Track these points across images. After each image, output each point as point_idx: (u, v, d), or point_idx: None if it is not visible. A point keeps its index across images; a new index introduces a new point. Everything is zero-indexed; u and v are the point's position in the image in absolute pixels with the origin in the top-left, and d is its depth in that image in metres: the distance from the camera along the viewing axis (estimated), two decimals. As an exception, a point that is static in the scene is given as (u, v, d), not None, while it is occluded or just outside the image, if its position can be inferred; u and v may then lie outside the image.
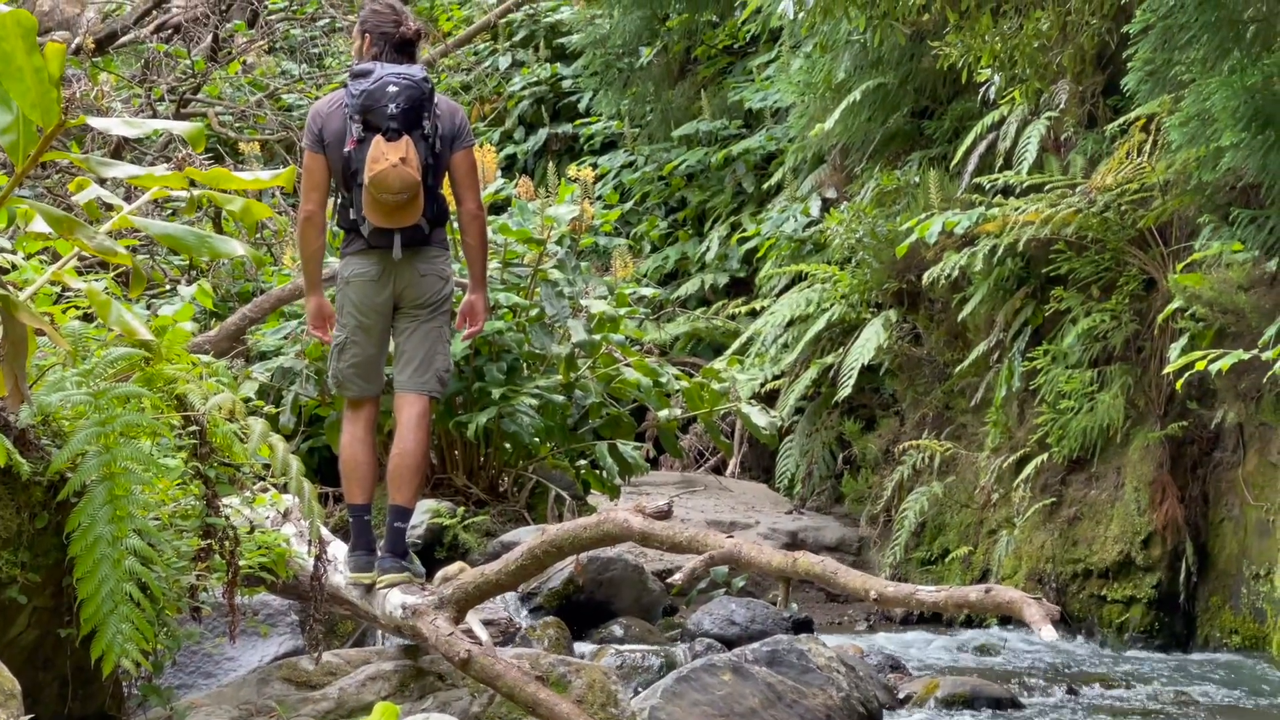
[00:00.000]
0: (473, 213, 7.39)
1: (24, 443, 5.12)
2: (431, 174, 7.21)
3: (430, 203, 7.24)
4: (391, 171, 7.03)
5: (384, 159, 7.03)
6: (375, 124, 7.11)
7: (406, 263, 7.28)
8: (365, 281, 7.32)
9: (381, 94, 7.16)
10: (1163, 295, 10.10)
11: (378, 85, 7.17)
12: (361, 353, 7.41)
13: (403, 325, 7.38)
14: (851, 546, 12.57)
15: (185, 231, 4.94)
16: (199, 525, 5.78)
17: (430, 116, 7.20)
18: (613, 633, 9.40)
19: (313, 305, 7.53)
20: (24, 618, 5.16)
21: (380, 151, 7.04)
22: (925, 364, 12.52)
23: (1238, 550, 9.78)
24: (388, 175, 7.03)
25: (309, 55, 19.08)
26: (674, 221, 17.44)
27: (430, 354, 7.34)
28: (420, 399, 7.34)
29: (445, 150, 7.30)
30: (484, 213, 7.49)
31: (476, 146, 7.63)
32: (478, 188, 7.41)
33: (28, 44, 4.22)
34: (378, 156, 7.04)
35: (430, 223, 7.28)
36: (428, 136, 7.18)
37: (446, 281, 7.39)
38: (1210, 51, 8.90)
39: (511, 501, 11.07)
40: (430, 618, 6.67)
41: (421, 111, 7.18)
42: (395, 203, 7.11)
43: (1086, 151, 10.98)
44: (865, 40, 12.07)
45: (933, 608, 5.61)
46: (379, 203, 7.11)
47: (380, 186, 7.04)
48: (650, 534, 6.52)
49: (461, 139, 7.35)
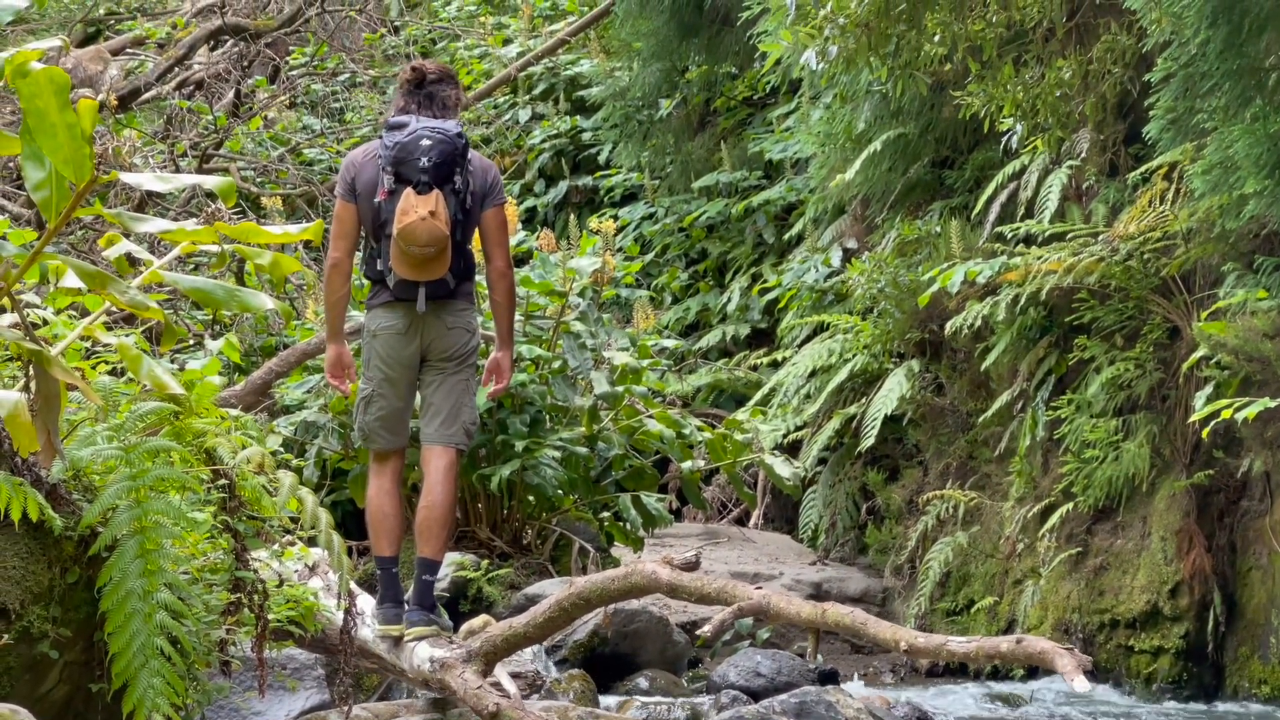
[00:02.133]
0: (501, 270, 7.42)
1: (56, 497, 5.13)
2: (460, 229, 7.23)
3: (457, 258, 7.26)
4: (420, 225, 7.06)
5: (413, 211, 7.06)
6: (407, 176, 7.15)
7: (433, 315, 7.30)
8: (392, 335, 7.34)
9: (415, 147, 7.20)
10: (1187, 343, 10.08)
11: (411, 138, 7.21)
12: (388, 405, 7.42)
13: (429, 378, 7.39)
14: (876, 598, 12.53)
15: (215, 286, 4.95)
16: (228, 579, 5.77)
17: (462, 172, 7.23)
18: (638, 685, 9.37)
19: (332, 354, 7.56)
20: (55, 673, 5.15)
21: (410, 204, 7.07)
22: (948, 414, 12.50)
23: (1266, 599, 9.73)
24: (416, 228, 7.06)
25: (330, 110, 19.16)
26: (695, 273, 17.46)
27: (457, 406, 7.35)
28: (447, 451, 7.35)
29: (476, 206, 7.33)
30: (512, 271, 7.50)
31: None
32: (507, 245, 7.44)
33: (60, 101, 4.24)
34: (407, 209, 7.07)
35: (456, 277, 7.29)
36: (458, 192, 7.21)
37: (473, 334, 7.41)
38: (1232, 99, 8.90)
39: (535, 554, 11.05)
40: (458, 671, 6.67)
41: (454, 166, 7.20)
42: (423, 255, 7.13)
43: (1109, 200, 10.98)
44: (886, 90, 12.10)
45: (964, 659, 5.59)
46: (406, 255, 7.14)
47: (409, 239, 7.07)
48: (678, 585, 6.52)
49: (493, 196, 7.38)
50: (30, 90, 4.21)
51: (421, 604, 7.21)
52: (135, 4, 21.99)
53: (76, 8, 20.78)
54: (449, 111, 7.53)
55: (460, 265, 7.30)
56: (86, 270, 4.51)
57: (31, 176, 4.35)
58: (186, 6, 19.44)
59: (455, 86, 7.65)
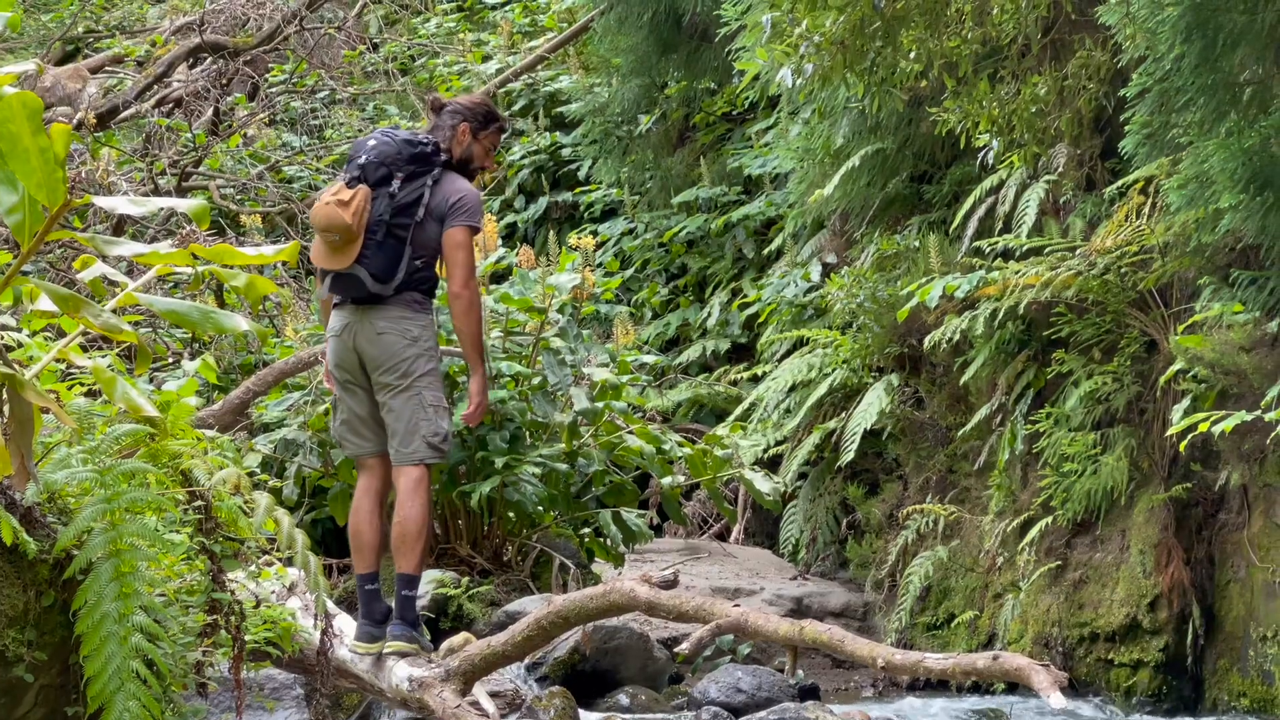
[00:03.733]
0: (454, 293, 7.47)
1: (30, 520, 5.13)
2: (385, 230, 7.34)
3: (382, 259, 7.37)
4: (322, 208, 7.33)
5: (326, 194, 7.34)
6: (350, 171, 7.40)
7: (364, 319, 7.41)
8: (333, 338, 7.55)
9: (361, 145, 7.56)
10: (1164, 357, 10.11)
11: (365, 139, 7.53)
12: (347, 411, 7.56)
13: (380, 398, 7.49)
14: (857, 612, 12.53)
15: (190, 308, 4.95)
16: (205, 601, 5.78)
17: (409, 180, 7.39)
18: (619, 702, 9.37)
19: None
20: (31, 696, 5.15)
21: (330, 190, 7.34)
22: (928, 428, 12.51)
23: (1245, 612, 9.76)
24: (318, 210, 7.37)
25: (309, 127, 19.18)
26: (675, 288, 17.46)
27: (412, 423, 7.39)
28: (412, 469, 7.39)
29: (430, 221, 7.44)
30: (469, 293, 7.47)
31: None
32: (463, 268, 7.44)
33: (33, 125, 4.24)
34: (324, 193, 7.33)
35: (380, 280, 7.37)
36: (393, 195, 7.34)
37: (414, 343, 7.40)
38: (1208, 114, 8.94)
39: (516, 571, 11.05)
40: (437, 690, 6.68)
41: (391, 170, 7.37)
42: (327, 241, 7.35)
43: (1085, 214, 11.02)
44: (864, 106, 12.13)
45: (941, 675, 5.61)
46: (318, 239, 7.35)
47: (312, 219, 7.40)
48: (656, 603, 6.53)
49: (452, 217, 7.45)
50: (3, 114, 4.21)
51: (403, 618, 7.24)
52: (114, 22, 21.98)
53: (55, 26, 20.77)
54: (440, 132, 7.65)
55: (388, 269, 7.38)
56: (61, 294, 4.51)
57: (4, 201, 4.35)
58: (165, 24, 19.47)
59: (466, 119, 7.72)
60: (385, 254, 7.37)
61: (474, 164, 7.70)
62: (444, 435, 7.47)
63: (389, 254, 7.37)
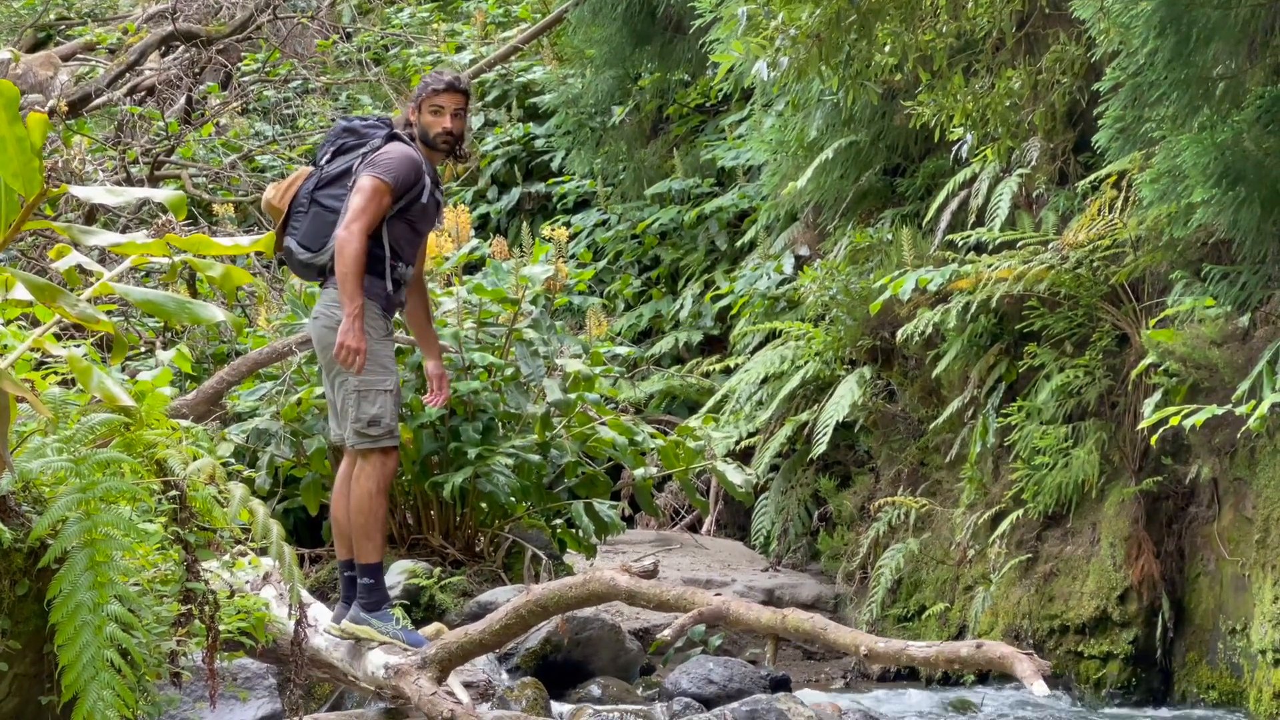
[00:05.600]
0: (340, 237, 7.30)
1: (5, 510, 5.12)
2: (310, 202, 7.50)
3: (308, 229, 7.46)
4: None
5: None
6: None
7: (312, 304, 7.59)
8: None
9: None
10: (1136, 351, 10.15)
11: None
12: (327, 396, 7.60)
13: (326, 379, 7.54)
14: (828, 604, 12.56)
15: (165, 298, 4.95)
16: (179, 590, 5.76)
17: (331, 152, 7.54)
18: (590, 693, 9.37)
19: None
20: (4, 685, 5.13)
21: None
22: (900, 420, 12.55)
23: (1214, 605, 9.81)
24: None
25: (282, 116, 19.14)
26: (647, 280, 17.48)
27: (342, 410, 7.41)
28: (355, 455, 7.40)
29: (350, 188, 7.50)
30: (347, 235, 7.25)
31: (449, 206, 7.74)
32: (353, 211, 7.30)
33: (10, 114, 4.23)
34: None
35: (306, 248, 7.52)
36: (320, 167, 7.44)
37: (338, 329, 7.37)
38: (1180, 108, 8.98)
39: (488, 561, 11.04)
40: (413, 678, 6.68)
41: (327, 149, 7.56)
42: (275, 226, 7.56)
43: (1058, 208, 11.06)
44: (838, 99, 12.14)
45: (923, 664, 5.63)
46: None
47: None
48: (637, 593, 6.55)
49: (364, 168, 7.45)
50: (-21, 103, 4.21)
51: (346, 600, 7.35)
52: (86, 9, 21.90)
53: (27, 12, 20.67)
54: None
55: (314, 238, 7.47)
56: (36, 284, 4.50)
57: (-20, 189, 4.35)
58: (138, 12, 19.38)
59: (412, 99, 7.78)
60: (313, 224, 7.44)
61: (431, 135, 7.61)
62: (371, 419, 7.31)
63: (316, 224, 7.43)
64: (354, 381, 7.29)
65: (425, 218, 7.58)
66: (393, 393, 7.35)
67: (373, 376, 7.31)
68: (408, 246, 7.50)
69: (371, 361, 7.28)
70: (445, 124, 7.54)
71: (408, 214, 7.46)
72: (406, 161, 7.40)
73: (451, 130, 7.57)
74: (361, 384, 7.30)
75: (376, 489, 7.29)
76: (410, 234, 7.52)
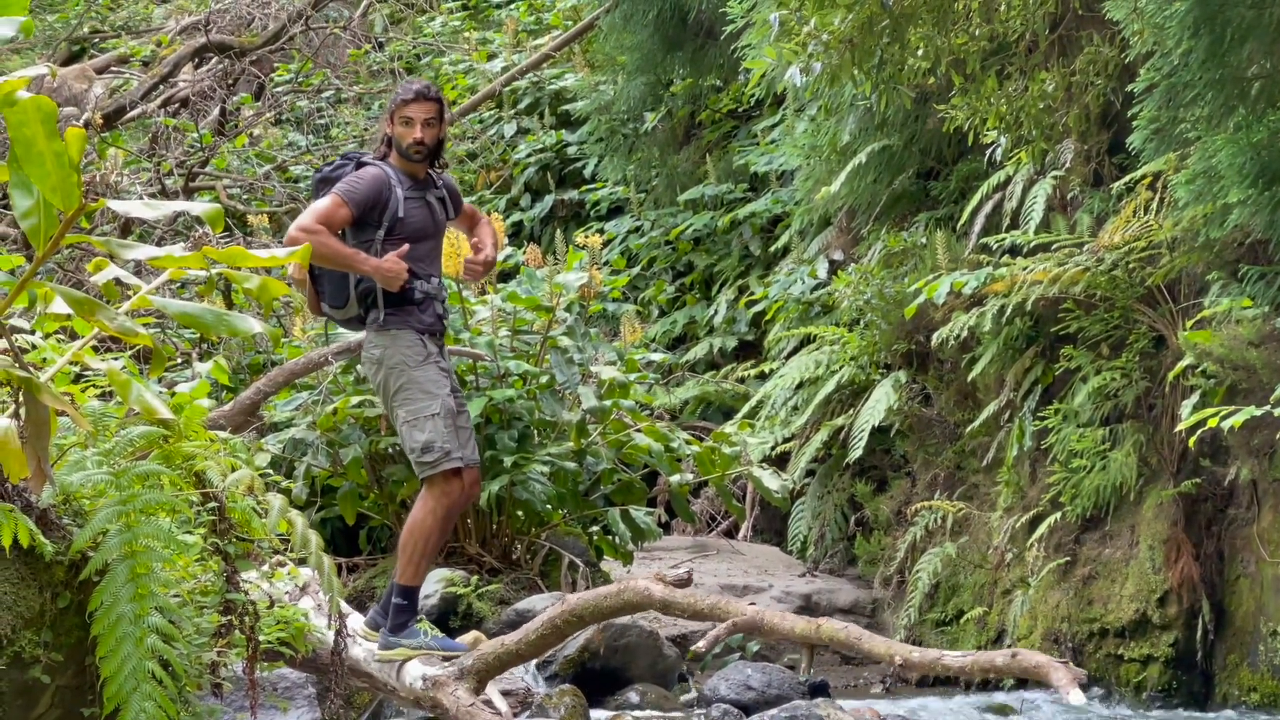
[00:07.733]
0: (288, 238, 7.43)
1: (46, 523, 5.14)
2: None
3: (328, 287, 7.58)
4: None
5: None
6: None
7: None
8: None
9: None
10: (1173, 352, 10.11)
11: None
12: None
13: None
14: (866, 609, 12.54)
15: (203, 310, 4.96)
16: (219, 601, 5.79)
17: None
18: (629, 700, 9.37)
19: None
20: (47, 698, 5.16)
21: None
22: (936, 424, 12.52)
23: (1254, 607, 9.76)
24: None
25: (315, 126, 19.19)
26: (681, 286, 17.46)
27: (402, 441, 7.44)
28: (422, 483, 7.45)
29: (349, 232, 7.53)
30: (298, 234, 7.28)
31: (486, 214, 7.78)
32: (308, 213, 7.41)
33: (48, 129, 4.25)
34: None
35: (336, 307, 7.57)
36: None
37: (378, 365, 7.38)
38: (1215, 109, 8.95)
39: (525, 569, 11.05)
40: (451, 688, 6.68)
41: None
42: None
43: (1093, 210, 11.02)
44: (870, 103, 12.12)
45: (959, 673, 5.62)
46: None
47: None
48: (671, 602, 6.54)
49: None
50: (17, 119, 4.22)
51: (384, 625, 7.33)
52: (119, 22, 22.01)
53: (61, 26, 20.79)
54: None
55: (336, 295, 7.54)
56: (75, 297, 4.52)
57: (19, 205, 4.36)
58: (171, 24, 19.49)
59: (384, 117, 7.76)
60: (330, 284, 7.45)
61: (404, 146, 7.55)
62: (424, 446, 7.31)
63: (334, 282, 7.44)
64: (402, 413, 7.31)
65: (416, 227, 7.46)
66: (440, 415, 7.28)
67: (417, 404, 7.31)
68: (416, 261, 7.44)
69: (413, 388, 7.31)
70: (415, 134, 7.46)
71: (395, 234, 7.40)
72: (365, 179, 7.37)
73: (423, 140, 7.46)
74: (408, 414, 7.31)
75: (434, 517, 7.28)
76: (413, 249, 7.45)
